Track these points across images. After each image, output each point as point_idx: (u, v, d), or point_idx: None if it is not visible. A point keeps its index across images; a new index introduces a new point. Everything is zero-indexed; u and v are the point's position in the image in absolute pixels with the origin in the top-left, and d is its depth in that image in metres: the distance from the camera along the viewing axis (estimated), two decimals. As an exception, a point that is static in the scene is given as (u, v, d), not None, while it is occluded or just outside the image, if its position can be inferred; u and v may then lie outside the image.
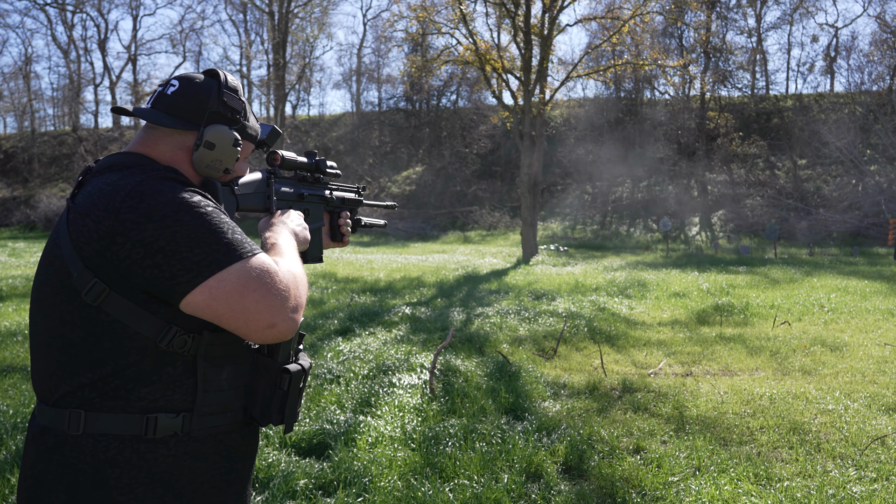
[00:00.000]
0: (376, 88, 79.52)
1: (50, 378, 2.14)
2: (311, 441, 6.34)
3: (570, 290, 17.83)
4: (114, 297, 2.02)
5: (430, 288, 18.51)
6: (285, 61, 60.98)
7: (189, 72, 2.39)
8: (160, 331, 2.04)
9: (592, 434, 6.64)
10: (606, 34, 33.39)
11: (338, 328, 11.97)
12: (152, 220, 1.96)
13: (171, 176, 2.09)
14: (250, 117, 2.44)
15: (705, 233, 44.37)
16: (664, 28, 55.00)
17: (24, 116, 77.38)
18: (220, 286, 1.96)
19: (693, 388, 8.42)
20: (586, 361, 10.01)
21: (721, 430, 6.87)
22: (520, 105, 30.67)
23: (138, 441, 2.06)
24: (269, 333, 2.00)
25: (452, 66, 51.36)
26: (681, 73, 42.91)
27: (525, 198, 30.22)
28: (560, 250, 35.26)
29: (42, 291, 2.18)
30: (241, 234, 2.06)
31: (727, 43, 58.66)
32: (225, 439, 2.22)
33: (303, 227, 2.57)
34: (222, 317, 1.98)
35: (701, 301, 15.65)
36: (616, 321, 13.09)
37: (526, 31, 29.52)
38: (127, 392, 2.06)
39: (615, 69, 36.42)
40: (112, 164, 2.18)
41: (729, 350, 10.67)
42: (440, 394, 7.90)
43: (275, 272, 2.02)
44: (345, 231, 3.01)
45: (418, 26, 34.67)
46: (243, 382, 2.25)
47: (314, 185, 2.88)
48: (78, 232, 2.05)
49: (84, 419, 2.05)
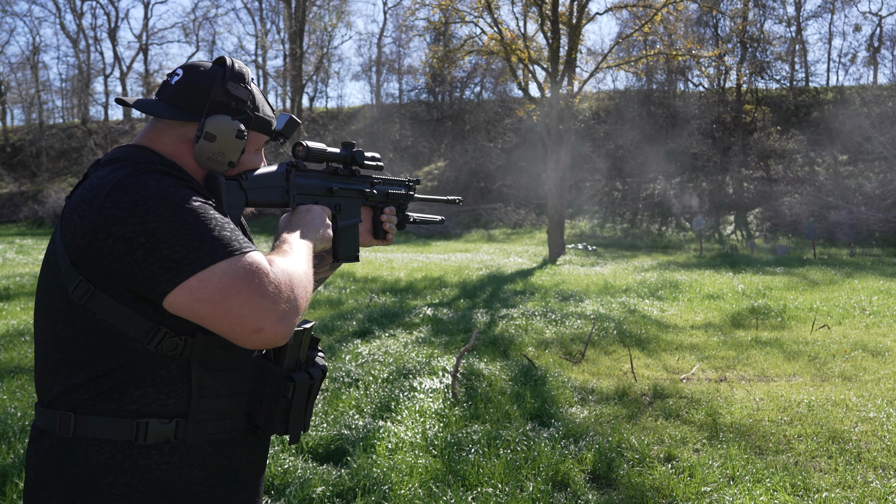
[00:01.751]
0: (397, 80, 79.52)
1: (45, 378, 2.15)
2: (329, 447, 6.37)
3: (598, 291, 17.81)
4: (99, 296, 2.01)
5: (453, 288, 18.53)
6: (302, 51, 61.17)
7: (197, 60, 2.37)
8: (148, 332, 2.02)
9: (622, 441, 6.64)
10: (638, 23, 33.28)
11: (356, 330, 12.00)
12: (133, 215, 1.93)
13: (161, 169, 2.08)
14: (262, 107, 2.40)
15: (741, 232, 44.16)
16: (699, 16, 54.76)
17: (31, 108, 77.68)
18: (201, 286, 1.91)
19: (727, 394, 8.41)
20: (615, 366, 10.00)
21: (757, 438, 6.86)
22: (547, 97, 30.62)
23: (130, 447, 2.05)
24: (256, 338, 1.94)
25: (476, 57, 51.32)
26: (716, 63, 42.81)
27: (552, 194, 30.16)
28: (588, 249, 35.19)
29: (41, 288, 2.20)
30: (231, 230, 2.01)
31: (765, 32, 58.31)
32: (225, 447, 2.20)
33: (325, 223, 2.51)
34: (205, 319, 1.94)
35: (736, 303, 15.60)
36: (647, 324, 13.07)
37: (554, 20, 29.46)
38: (119, 395, 2.05)
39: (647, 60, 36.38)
40: (114, 158, 2.19)
41: (765, 355, 10.64)
42: (463, 399, 7.92)
43: (265, 272, 1.96)
44: (388, 228, 2.94)
45: (441, 15, 34.65)
46: (246, 388, 2.22)
47: (349, 178, 2.80)
48: (66, 227, 2.05)
49: (74, 422, 2.05)
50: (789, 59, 59.94)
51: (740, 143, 51.94)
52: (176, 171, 2.11)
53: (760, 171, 50.25)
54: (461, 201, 3.40)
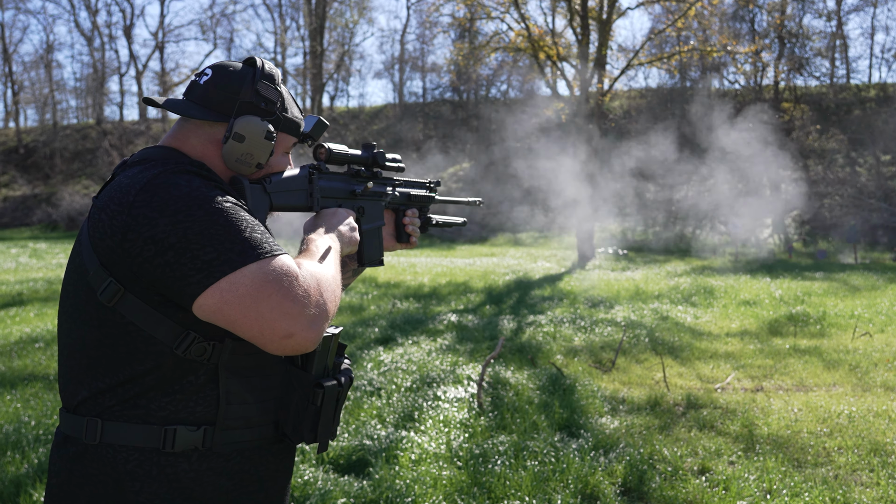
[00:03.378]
0: (420, 78, 79.64)
1: (71, 382, 2.17)
2: (350, 458, 6.40)
3: (629, 298, 17.78)
4: (128, 298, 2.02)
5: (478, 294, 18.55)
6: (323, 48, 61.31)
7: (226, 60, 2.40)
8: (177, 336, 2.03)
9: (654, 453, 6.63)
10: (671, 18, 33.22)
11: (378, 337, 12.04)
12: (164, 215, 1.95)
13: (191, 170, 2.10)
14: (290, 108, 2.41)
15: (778, 235, 43.95)
16: (734, 11, 54.57)
17: (45, 108, 78.21)
18: (231, 289, 1.92)
19: (764, 404, 8.38)
20: (647, 375, 9.99)
21: (794, 450, 6.83)
22: (576, 96, 30.61)
23: (157, 454, 2.06)
24: (286, 344, 1.96)
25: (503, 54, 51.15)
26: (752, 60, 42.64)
27: (581, 196, 30.11)
28: (619, 254, 35.14)
29: (66, 290, 2.21)
30: (261, 232, 2.03)
31: (804, 27, 58.07)
32: (253, 456, 2.20)
33: (350, 227, 2.53)
34: (235, 323, 1.95)
35: (773, 310, 15.54)
36: (680, 331, 13.05)
37: (583, 15, 29.42)
38: (147, 401, 2.07)
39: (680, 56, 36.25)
40: (142, 159, 2.19)
41: (804, 363, 10.59)
42: (489, 408, 7.93)
43: (295, 275, 1.98)
44: (411, 231, 2.96)
45: (466, 10, 34.61)
46: (273, 395, 2.23)
47: (371, 180, 2.80)
48: (94, 227, 2.06)
49: (101, 428, 2.06)
50: (829, 55, 59.66)
51: (778, 143, 51.69)
52: (206, 172, 2.14)
53: (799, 172, 49.99)
54: (482, 203, 3.42)
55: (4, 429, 7.01)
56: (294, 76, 68.51)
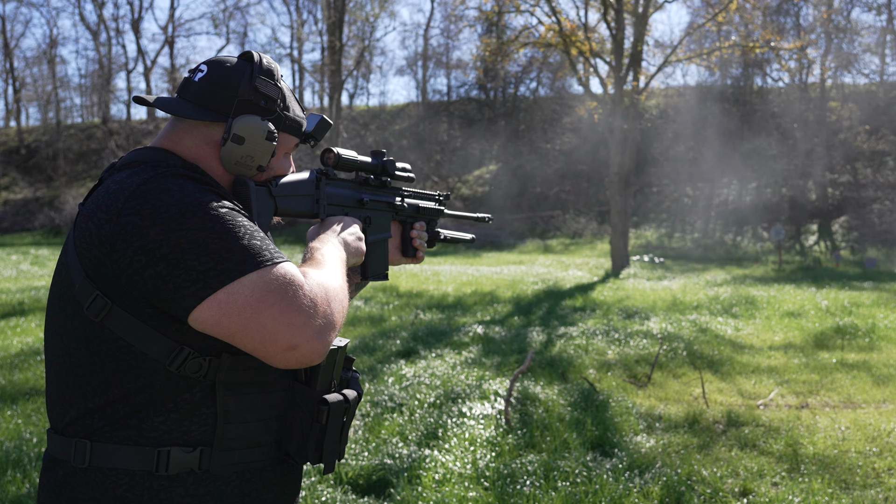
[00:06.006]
0: (445, 75, 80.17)
1: (58, 402, 2.15)
2: (370, 477, 6.41)
3: (666, 308, 17.75)
4: (117, 313, 2.00)
5: (506, 304, 18.55)
6: (342, 44, 61.29)
7: (222, 55, 2.36)
8: (170, 352, 2.01)
9: (692, 473, 6.63)
10: (711, 12, 33.19)
11: (400, 349, 12.06)
12: (155, 224, 1.92)
13: (184, 173, 2.07)
14: (292, 106, 2.40)
15: (824, 242, 43.77)
16: (778, 4, 54.41)
17: (48, 106, 78.29)
18: (230, 300, 1.89)
19: (809, 422, 8.36)
20: (685, 390, 9.97)
21: (842, 470, 6.81)
22: (610, 94, 30.54)
23: (150, 477, 2.04)
24: (290, 356, 1.92)
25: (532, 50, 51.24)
26: (797, 56, 42.50)
27: (615, 201, 30.08)
28: (655, 262, 35.05)
29: (52, 304, 2.19)
30: (261, 239, 2.00)
31: (852, 21, 57.73)
32: (254, 478, 2.18)
33: (357, 236, 2.49)
34: (235, 336, 1.91)
35: (819, 322, 15.48)
36: (720, 344, 13.02)
37: (618, 9, 29.38)
38: (139, 421, 2.04)
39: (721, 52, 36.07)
40: (131, 161, 2.18)
41: (851, 379, 10.55)
42: (517, 425, 7.94)
43: (299, 284, 1.94)
44: (418, 245, 2.93)
45: (493, 3, 34.66)
46: (276, 413, 2.21)
47: (380, 189, 2.79)
48: (80, 237, 2.04)
49: (90, 450, 2.04)
50: (879, 52, 59.27)
51: (824, 145, 51.44)
52: (199, 176, 2.11)
53: (847, 176, 49.75)
54: (490, 219, 3.39)
55: (5, 446, 7.03)
56: (311, 73, 68.50)
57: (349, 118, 68.39)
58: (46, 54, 76.95)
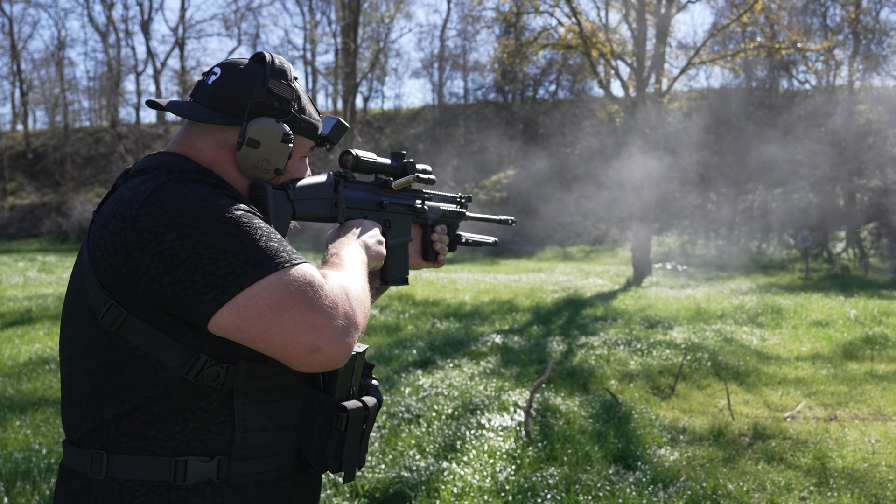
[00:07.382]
0: (462, 77, 79.89)
1: (74, 413, 2.15)
2: (387, 490, 6.42)
3: (689, 318, 17.73)
4: (132, 322, 2.00)
5: (525, 313, 18.55)
6: (356, 45, 61.39)
7: (235, 57, 2.35)
8: (187, 360, 2.01)
9: (717, 487, 6.62)
10: (735, 12, 33.14)
11: (417, 359, 12.07)
12: (171, 230, 1.92)
13: (197, 177, 2.07)
14: (307, 107, 2.40)
15: (853, 249, 43.65)
16: (804, 5, 54.27)
17: (56, 110, 78.73)
18: (250, 304, 1.90)
19: (838, 434, 8.34)
20: (710, 402, 9.96)
21: (872, 485, 6.80)
22: (631, 97, 30.52)
23: (167, 488, 2.03)
24: (313, 359, 1.93)
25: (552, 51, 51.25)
26: (825, 58, 42.36)
27: (636, 207, 30.03)
28: (678, 269, 35.00)
29: (66, 314, 2.20)
30: (278, 241, 2.01)
31: (881, 22, 57.63)
32: (273, 488, 2.17)
33: (377, 240, 2.51)
34: (256, 340, 1.93)
35: (848, 331, 15.44)
36: (745, 354, 12.99)
37: (639, 10, 29.39)
38: (156, 431, 2.04)
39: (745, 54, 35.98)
40: (144, 167, 2.18)
41: (882, 390, 10.52)
42: (537, 437, 7.94)
43: (319, 285, 1.95)
44: (439, 249, 2.94)
45: (512, 4, 34.70)
46: (295, 421, 2.20)
47: (400, 192, 2.80)
48: (95, 246, 2.05)
49: (107, 461, 2.04)
50: (910, 53, 59.10)
51: (852, 149, 51.27)
52: (213, 180, 2.11)
53: (876, 180, 49.58)
54: (514, 221, 3.40)
55: (14, 457, 7.06)
56: (325, 75, 68.70)
57: (363, 122, 68.49)
58: (54, 56, 77.14)
